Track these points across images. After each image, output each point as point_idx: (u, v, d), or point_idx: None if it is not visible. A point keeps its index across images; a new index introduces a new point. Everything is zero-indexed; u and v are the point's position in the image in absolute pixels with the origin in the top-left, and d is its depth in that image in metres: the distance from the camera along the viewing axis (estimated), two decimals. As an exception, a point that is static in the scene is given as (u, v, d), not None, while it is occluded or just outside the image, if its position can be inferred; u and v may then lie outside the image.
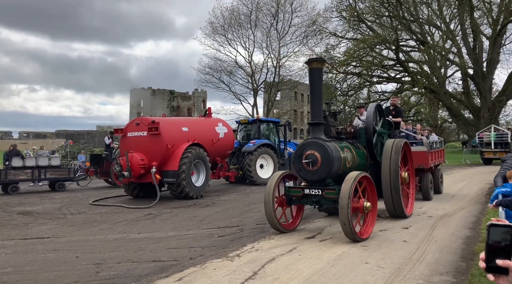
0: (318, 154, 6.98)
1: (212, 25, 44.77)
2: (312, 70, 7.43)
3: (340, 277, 4.99)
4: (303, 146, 7.26)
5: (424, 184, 11.31)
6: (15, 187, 15.61)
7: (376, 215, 7.20)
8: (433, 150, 11.92)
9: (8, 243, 7.45)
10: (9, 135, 67.92)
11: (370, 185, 7.18)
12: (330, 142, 7.29)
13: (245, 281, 4.90)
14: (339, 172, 7.17)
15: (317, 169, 7.00)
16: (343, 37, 41.04)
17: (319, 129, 7.30)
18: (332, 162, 6.96)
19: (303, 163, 7.08)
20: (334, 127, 8.07)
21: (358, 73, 39.25)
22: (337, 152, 7.19)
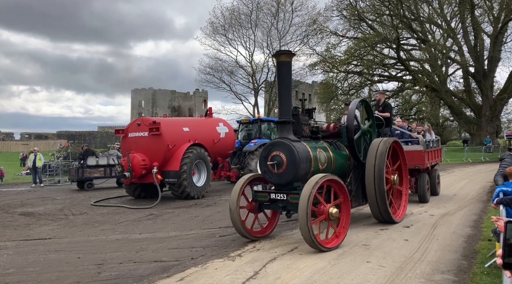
0: (284, 155, 6.46)
1: (213, 25, 44.83)
2: (280, 64, 6.85)
3: (341, 276, 4.99)
4: (269, 147, 6.73)
5: (420, 185, 10.76)
6: (91, 183, 17.24)
7: (349, 222, 6.61)
8: (430, 149, 11.40)
9: (10, 244, 7.46)
10: (11, 137, 68.04)
11: (341, 189, 6.59)
12: (299, 142, 6.75)
13: (247, 281, 4.90)
14: (309, 174, 6.57)
15: (283, 171, 6.48)
16: (344, 36, 41.00)
17: (287, 128, 6.75)
18: (299, 163, 6.40)
19: (269, 165, 6.57)
20: (307, 125, 7.39)
21: (359, 72, 39.21)
22: (306, 153, 6.65)
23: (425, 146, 10.82)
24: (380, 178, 7.57)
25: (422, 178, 10.78)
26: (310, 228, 5.84)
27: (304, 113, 7.46)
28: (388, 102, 10.56)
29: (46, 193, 16.51)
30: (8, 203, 13.48)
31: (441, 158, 13.06)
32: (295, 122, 7.04)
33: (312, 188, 5.95)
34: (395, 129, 11.69)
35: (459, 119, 41.09)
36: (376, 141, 8.00)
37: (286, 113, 6.79)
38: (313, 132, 7.64)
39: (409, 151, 10.27)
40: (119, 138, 15.14)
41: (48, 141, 58.05)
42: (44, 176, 21.44)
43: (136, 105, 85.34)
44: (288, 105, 6.86)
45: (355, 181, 7.93)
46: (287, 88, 6.89)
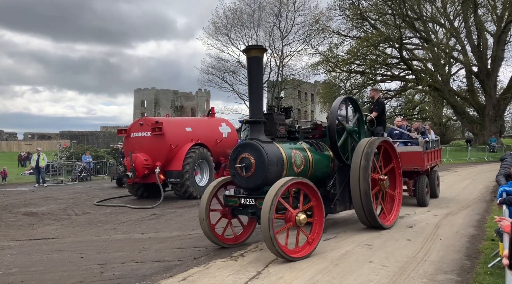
0: (252, 157, 6.04)
1: (215, 25, 44.81)
2: (250, 60, 6.36)
3: (344, 276, 4.98)
4: (238, 148, 6.32)
5: (419, 188, 10.12)
6: None
7: (322, 228, 6.11)
8: (430, 150, 10.77)
9: (13, 243, 7.49)
10: (14, 137, 68.25)
11: (313, 193, 6.14)
12: (271, 143, 6.32)
13: (249, 281, 4.90)
14: (281, 177, 6.08)
15: (251, 174, 6.05)
16: (347, 35, 40.95)
17: (257, 128, 6.32)
18: (268, 166, 5.95)
19: (237, 168, 6.17)
20: (283, 125, 6.88)
21: (362, 71, 39.16)
22: (278, 155, 6.21)
23: (425, 147, 10.31)
24: (365, 180, 7.09)
25: (421, 181, 10.21)
26: (273, 237, 5.39)
27: (280, 113, 7.00)
28: (380, 100, 9.77)
29: (49, 192, 16.56)
30: (11, 202, 13.53)
31: (441, 158, 12.43)
32: (269, 122, 6.63)
33: (275, 194, 5.51)
34: (394, 129, 11.37)
35: (462, 119, 40.99)
36: (363, 141, 7.52)
37: (257, 112, 6.34)
38: (292, 132, 7.17)
39: (407, 152, 10.03)
40: (122, 138, 15.18)
41: (51, 141, 58.26)
42: (47, 176, 21.51)
43: (139, 105, 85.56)
44: (259, 104, 6.44)
45: (340, 184, 7.49)
46: (258, 86, 6.43)
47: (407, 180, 10.15)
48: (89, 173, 23.35)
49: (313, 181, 7.09)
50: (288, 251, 5.67)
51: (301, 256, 5.76)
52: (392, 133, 11.30)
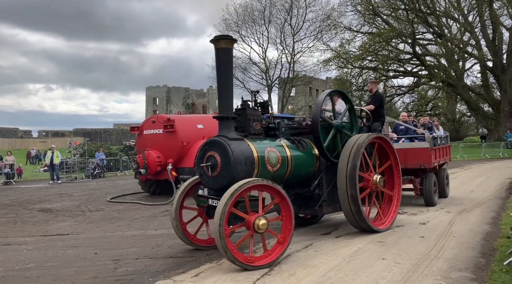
0: (218, 156, 5.70)
1: (226, 22, 44.84)
2: (219, 51, 5.90)
3: (357, 273, 4.96)
4: (205, 146, 5.97)
5: (426, 186, 9.65)
6: None
7: (292, 225, 5.62)
8: (438, 146, 10.28)
9: (29, 239, 7.62)
10: (29, 134, 69.36)
11: (275, 192, 5.61)
12: (241, 140, 5.91)
13: (261, 277, 4.91)
14: (252, 177, 5.78)
15: (217, 174, 5.71)
16: (358, 31, 40.63)
17: (226, 125, 5.93)
18: (234, 165, 5.58)
19: (204, 167, 5.87)
20: (258, 121, 6.39)
21: (374, 67, 38.83)
22: (248, 153, 5.79)
23: (432, 143, 9.84)
24: (353, 179, 6.61)
25: (428, 179, 9.71)
26: (226, 247, 5.01)
27: (255, 108, 6.55)
28: (378, 93, 9.24)
29: (63, 189, 16.80)
30: (27, 199, 13.77)
31: (450, 156, 11.81)
32: (242, 118, 6.24)
33: (225, 203, 5.07)
34: (399, 125, 10.96)
35: (476, 115, 40.42)
36: (353, 138, 7.04)
37: (226, 107, 5.96)
38: (271, 129, 6.70)
39: (413, 149, 9.69)
40: (135, 136, 15.31)
41: (65, 138, 58.98)
42: (61, 173, 21.81)
43: (151, 102, 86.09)
44: (228, 98, 6.02)
45: (328, 184, 7.00)
46: (227, 79, 5.99)
47: (413, 178, 9.80)
48: (102, 170, 23.60)
49: (296, 181, 6.91)
50: (248, 260, 5.19)
51: (272, 259, 5.34)
52: (397, 129, 10.97)
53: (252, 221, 5.25)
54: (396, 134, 10.77)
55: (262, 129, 6.43)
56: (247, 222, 5.32)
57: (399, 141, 10.39)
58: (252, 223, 5.24)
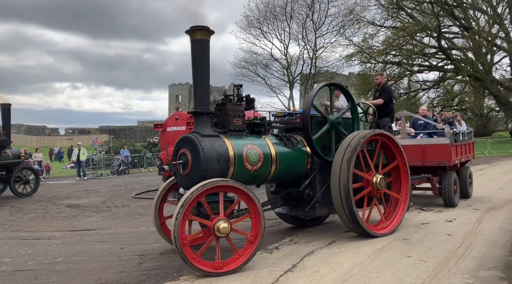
0: (190, 153, 5.45)
1: (247, 19, 44.79)
2: (194, 43, 5.57)
3: (381, 270, 4.90)
4: (178, 143, 5.75)
5: (445, 186, 9.06)
6: None
7: (261, 223, 5.28)
8: (459, 142, 9.68)
9: (58, 234, 7.83)
10: (56, 132, 71.26)
11: (238, 191, 5.29)
12: (217, 137, 5.62)
13: (284, 273, 4.91)
14: (227, 176, 5.57)
15: (188, 172, 5.48)
16: (382, 26, 39.96)
17: (201, 120, 5.65)
18: (204, 163, 5.29)
19: (176, 165, 5.67)
20: (239, 117, 6.05)
21: (398, 62, 38.16)
22: (222, 150, 5.50)
23: (453, 139, 9.24)
24: (346, 180, 6.14)
25: (448, 177, 9.11)
26: (186, 258, 4.78)
27: (237, 103, 6.16)
28: (387, 86, 8.70)
29: (89, 185, 17.20)
30: (55, 195, 14.17)
31: (474, 153, 10.99)
32: (222, 113, 5.98)
33: (181, 205, 4.83)
34: (417, 119, 10.44)
35: (505, 110, 39.16)
36: (352, 135, 6.59)
37: (201, 102, 5.66)
38: (256, 125, 6.35)
39: (432, 145, 9.20)
40: (158, 133, 15.52)
41: (91, 136, 60.30)
42: (87, 170, 22.34)
43: (173, 100, 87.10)
44: (204, 92, 5.73)
45: (321, 184, 6.58)
46: (203, 73, 5.67)
47: (431, 176, 9.22)
48: (127, 166, 24.05)
49: (285, 180, 6.58)
50: (219, 266, 4.95)
51: (243, 261, 5.07)
52: (415, 124, 10.51)
53: (213, 224, 4.96)
54: (414, 129, 10.39)
55: (244, 125, 6.09)
56: (208, 227, 5.04)
57: (417, 137, 10.02)
58: (212, 227, 4.95)
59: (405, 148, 9.13)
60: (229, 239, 5.09)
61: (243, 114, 6.11)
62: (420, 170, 9.35)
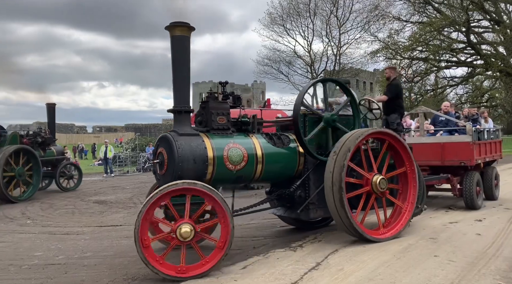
0: (165, 152, 5.38)
1: (271, 16, 44.61)
2: (174, 39, 5.47)
3: (408, 270, 4.81)
4: (157, 142, 5.71)
5: (466, 187, 8.52)
6: None
7: (229, 239, 4.97)
8: (483, 140, 9.13)
9: (86, 229, 8.04)
10: (84, 130, 73.07)
11: (205, 195, 4.97)
12: (196, 136, 5.48)
13: (309, 271, 4.89)
14: (206, 176, 5.42)
15: (164, 172, 5.41)
16: (408, 21, 39.08)
17: (180, 119, 5.52)
18: (179, 163, 5.17)
19: (154, 164, 5.65)
20: (224, 115, 5.86)
21: (425, 58, 37.28)
22: (199, 150, 5.35)
23: (475, 136, 8.71)
24: (339, 180, 5.77)
25: (469, 178, 8.56)
26: (146, 260, 4.67)
27: (222, 101, 5.98)
28: (396, 81, 8.10)
29: (116, 182, 17.56)
30: (83, 191, 14.54)
31: (501, 152, 10.30)
32: (205, 111, 5.85)
33: (141, 210, 4.76)
34: (438, 116, 9.96)
35: (539, 106, 37.77)
36: (348, 134, 6.19)
37: (181, 100, 5.56)
38: (244, 123, 6.12)
39: (452, 143, 8.70)
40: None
41: (117, 133, 61.56)
42: (114, 167, 22.80)
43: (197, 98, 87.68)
44: (184, 90, 5.62)
45: (316, 185, 6.23)
46: (182, 70, 5.55)
47: (450, 176, 8.69)
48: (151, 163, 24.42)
49: (276, 180, 6.38)
50: (183, 270, 4.80)
51: (210, 267, 4.88)
52: (436, 121, 9.97)
53: (175, 227, 4.80)
54: (434, 126, 9.91)
55: (229, 123, 5.92)
56: (172, 230, 4.90)
57: (437, 134, 9.57)
58: (175, 231, 4.79)
59: (423, 146, 8.88)
60: (194, 244, 4.88)
61: (228, 112, 5.93)
62: (439, 169, 8.94)
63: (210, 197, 4.96)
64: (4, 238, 7.44)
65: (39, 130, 14.71)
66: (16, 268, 5.54)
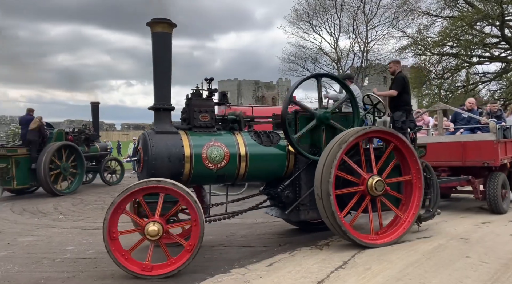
0: (142, 150, 5.42)
1: (296, 13, 44.38)
2: (155, 36, 5.44)
3: (438, 270, 4.70)
4: (138, 140, 5.76)
5: (490, 189, 7.89)
6: None
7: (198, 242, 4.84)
8: (509, 138, 8.48)
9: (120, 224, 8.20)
10: (113, 127, 74.77)
11: (176, 194, 4.87)
12: (174, 133, 5.47)
13: (335, 270, 4.84)
14: (183, 175, 5.41)
15: (141, 170, 5.45)
16: (438, 16, 38.04)
17: (160, 116, 5.53)
18: (152, 161, 5.21)
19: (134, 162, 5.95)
20: (208, 112, 5.79)
21: (456, 53, 36.25)
22: (174, 148, 5.32)
23: (500, 134, 8.04)
24: (327, 181, 5.46)
25: (494, 180, 7.94)
26: (109, 248, 4.72)
27: (206, 98, 5.88)
28: (401, 75, 7.44)
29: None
30: (112, 187, 14.89)
31: None
32: (188, 109, 5.81)
33: (109, 207, 4.83)
34: (459, 113, 9.38)
35: None
36: (343, 133, 5.83)
37: (161, 98, 5.54)
38: (230, 121, 6.05)
39: (474, 142, 8.05)
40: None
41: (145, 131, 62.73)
42: (142, 164, 23.25)
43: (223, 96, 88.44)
44: (164, 88, 5.57)
45: (308, 185, 5.95)
46: (163, 67, 5.52)
47: (471, 178, 8.01)
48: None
49: (265, 179, 6.37)
50: (148, 268, 4.79)
51: (175, 268, 4.78)
52: (457, 118, 9.41)
53: (144, 225, 4.80)
54: (454, 124, 9.37)
55: (213, 121, 5.83)
56: (141, 228, 4.88)
57: (457, 132, 9.03)
58: (143, 229, 4.78)
59: (442, 146, 8.35)
60: (161, 243, 4.84)
61: (212, 109, 5.85)
62: (460, 170, 8.31)
63: (183, 197, 4.87)
64: (38, 232, 7.70)
65: (84, 127, 15.61)
66: (49, 261, 5.72)
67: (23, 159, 12.49)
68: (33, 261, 5.67)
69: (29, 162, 12.51)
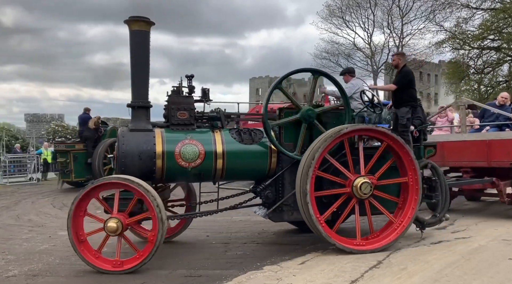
0: (115, 147, 5.45)
1: (329, 8, 43.77)
2: (133, 34, 5.42)
3: (478, 272, 4.52)
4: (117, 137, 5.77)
5: None
6: None
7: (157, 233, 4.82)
8: None
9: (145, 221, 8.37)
10: (148, 125, 76.45)
11: (138, 193, 4.87)
12: (148, 131, 5.44)
13: (369, 269, 4.75)
14: (154, 173, 5.38)
15: (115, 167, 5.52)
16: (478, 8, 36.57)
17: (136, 114, 5.50)
18: (122, 159, 5.24)
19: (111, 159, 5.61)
20: (187, 110, 5.66)
21: (497, 47, 34.76)
22: (146, 146, 5.31)
23: None
24: (305, 182, 5.22)
25: None
26: (76, 249, 4.86)
27: (188, 95, 5.75)
28: (406, 68, 6.87)
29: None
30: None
31: None
32: (167, 106, 5.68)
33: (70, 207, 4.86)
34: (486, 110, 8.59)
35: None
36: (329, 130, 5.55)
37: (139, 95, 5.50)
38: (212, 118, 5.90)
39: (500, 140, 7.36)
40: (240, 125, 15.94)
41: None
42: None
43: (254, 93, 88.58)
44: (142, 85, 5.55)
45: (292, 185, 5.67)
46: (141, 65, 5.50)
47: (495, 180, 7.32)
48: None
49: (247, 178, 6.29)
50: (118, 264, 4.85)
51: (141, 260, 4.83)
52: (485, 114, 8.69)
53: (103, 223, 4.86)
54: (483, 121, 8.65)
55: (192, 118, 5.71)
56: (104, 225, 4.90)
57: (483, 130, 8.42)
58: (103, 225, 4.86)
59: (464, 144, 7.73)
60: (125, 238, 4.94)
61: (191, 107, 5.74)
62: (485, 171, 7.64)
63: (135, 190, 4.86)
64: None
65: None
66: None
67: (80, 154, 13.63)
68: (73, 254, 5.84)
69: (86, 156, 13.53)
